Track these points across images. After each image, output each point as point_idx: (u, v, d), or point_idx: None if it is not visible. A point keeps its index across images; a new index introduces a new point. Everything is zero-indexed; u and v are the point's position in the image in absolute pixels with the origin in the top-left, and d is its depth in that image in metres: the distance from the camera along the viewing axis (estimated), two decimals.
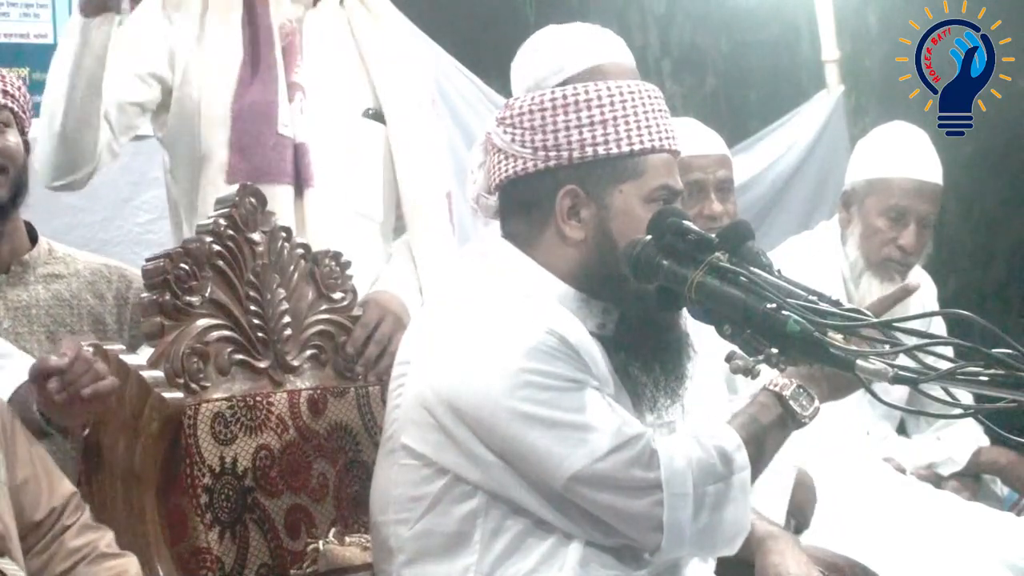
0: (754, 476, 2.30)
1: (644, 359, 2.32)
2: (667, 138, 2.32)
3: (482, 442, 2.21)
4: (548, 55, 2.94)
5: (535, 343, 2.19)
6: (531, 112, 2.31)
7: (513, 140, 2.32)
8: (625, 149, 2.28)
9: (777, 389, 2.33)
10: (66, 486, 2.31)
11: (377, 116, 3.07)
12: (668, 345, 2.32)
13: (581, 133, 2.29)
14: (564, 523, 2.22)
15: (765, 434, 2.32)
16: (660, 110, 2.34)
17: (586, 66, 2.90)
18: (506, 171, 2.33)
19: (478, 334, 2.23)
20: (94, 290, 2.94)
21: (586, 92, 2.31)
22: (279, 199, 2.87)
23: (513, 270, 2.32)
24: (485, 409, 2.19)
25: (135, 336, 2.84)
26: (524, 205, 2.33)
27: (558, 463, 2.17)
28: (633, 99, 2.31)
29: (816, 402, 2.33)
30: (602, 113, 2.29)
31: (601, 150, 2.28)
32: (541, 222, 2.31)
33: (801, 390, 2.32)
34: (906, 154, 3.73)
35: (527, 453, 2.18)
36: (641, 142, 2.29)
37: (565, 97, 2.31)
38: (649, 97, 2.34)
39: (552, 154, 2.29)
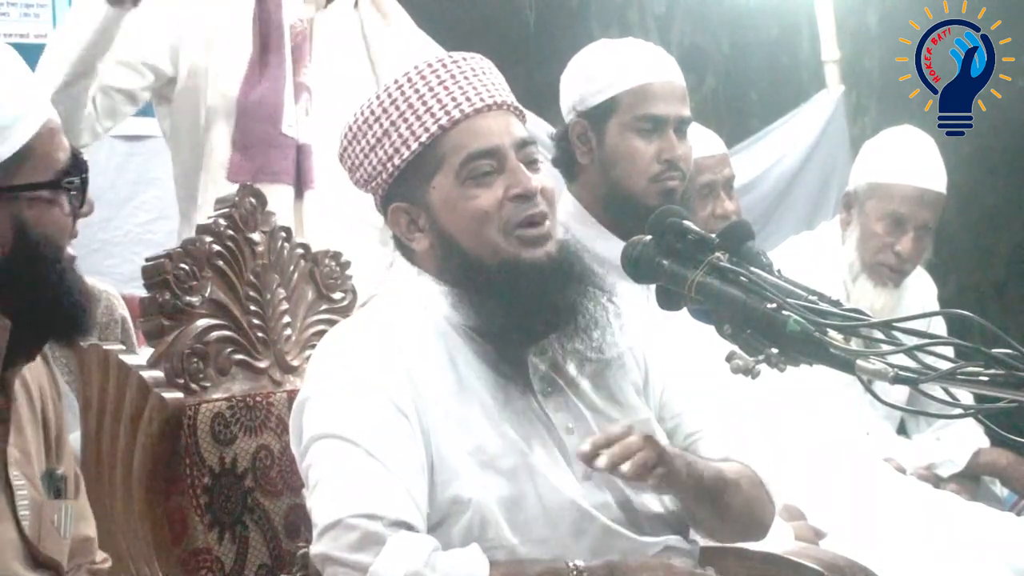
0: None
1: (535, 337, 2.26)
2: (456, 107, 2.24)
3: None
4: (598, 72, 2.93)
5: (339, 394, 2.20)
6: (343, 158, 2.35)
7: (356, 185, 2.36)
8: (415, 147, 2.25)
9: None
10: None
11: None
12: (556, 313, 2.24)
13: (376, 154, 2.28)
14: None
15: None
16: (442, 82, 2.25)
17: (635, 84, 2.91)
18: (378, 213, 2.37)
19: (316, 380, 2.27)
20: None
21: (362, 114, 2.29)
22: (278, 199, 2.87)
23: (406, 283, 2.33)
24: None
25: None
26: (393, 236, 2.36)
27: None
28: (403, 93, 2.26)
29: None
30: (381, 126, 2.27)
31: (397, 160, 2.26)
32: (405, 246, 2.33)
33: None
34: (910, 160, 3.73)
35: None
36: (426, 129, 2.24)
37: (351, 129, 2.31)
38: (423, 78, 2.26)
39: (372, 185, 2.32)
